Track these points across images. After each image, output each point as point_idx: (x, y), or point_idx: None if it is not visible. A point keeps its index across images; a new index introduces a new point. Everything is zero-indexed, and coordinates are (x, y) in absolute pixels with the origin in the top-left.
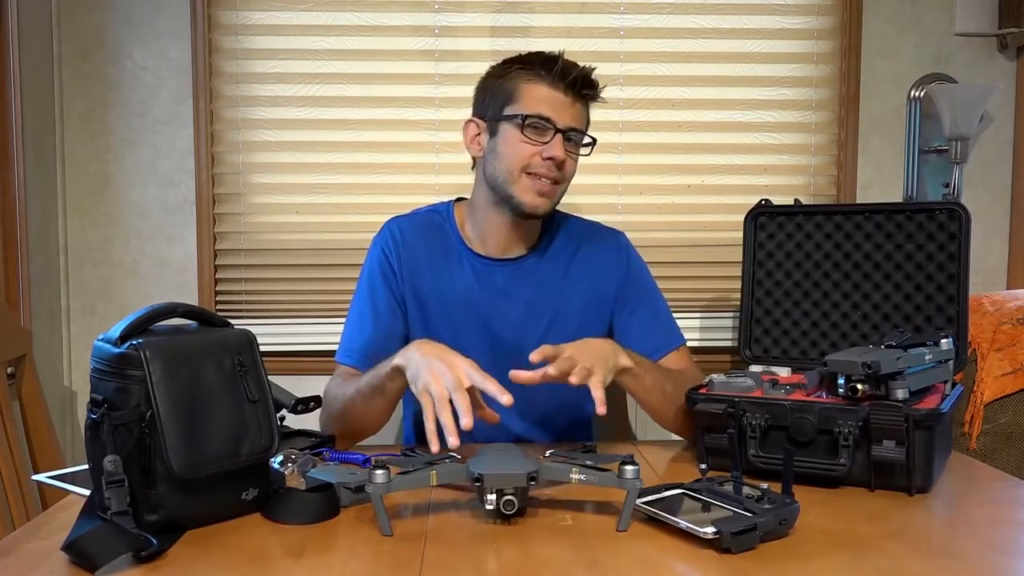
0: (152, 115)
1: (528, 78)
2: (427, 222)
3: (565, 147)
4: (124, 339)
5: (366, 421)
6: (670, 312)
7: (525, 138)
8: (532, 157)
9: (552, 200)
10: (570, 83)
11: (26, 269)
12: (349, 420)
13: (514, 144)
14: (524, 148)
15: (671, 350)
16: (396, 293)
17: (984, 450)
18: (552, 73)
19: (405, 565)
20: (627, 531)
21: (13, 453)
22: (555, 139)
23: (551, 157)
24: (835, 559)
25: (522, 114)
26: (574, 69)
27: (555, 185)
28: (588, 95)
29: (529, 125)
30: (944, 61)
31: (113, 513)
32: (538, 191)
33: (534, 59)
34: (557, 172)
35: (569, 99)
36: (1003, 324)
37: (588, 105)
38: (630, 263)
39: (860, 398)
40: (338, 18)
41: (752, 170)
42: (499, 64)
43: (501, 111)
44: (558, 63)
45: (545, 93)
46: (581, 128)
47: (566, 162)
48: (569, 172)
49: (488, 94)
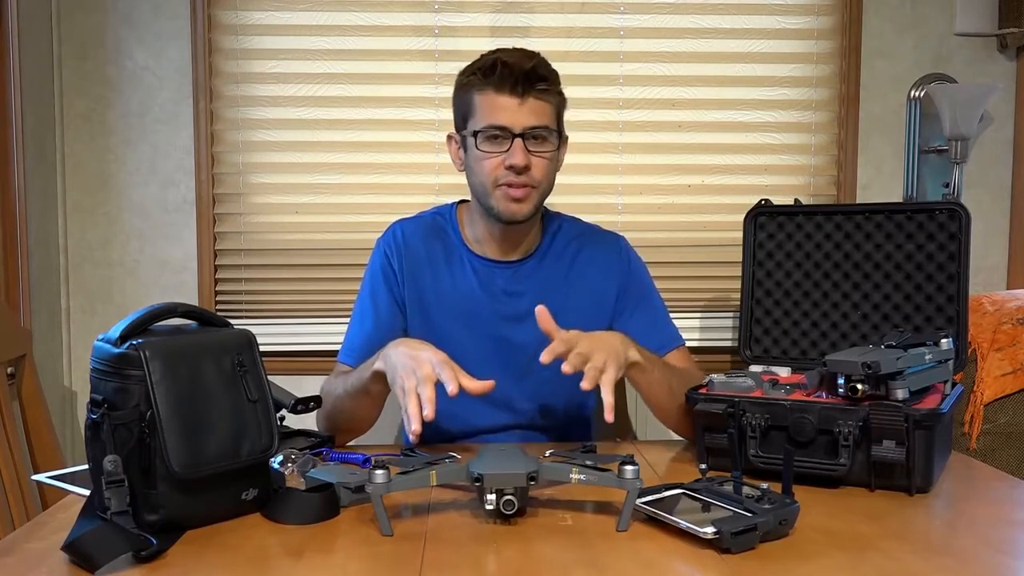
0: (152, 115)
1: (478, 88)
2: (431, 224)
3: (529, 147)
4: (124, 339)
5: (354, 420)
6: (669, 315)
7: (486, 152)
8: (497, 169)
9: (530, 203)
10: (515, 84)
11: (26, 269)
12: (338, 419)
13: (479, 160)
14: (487, 162)
15: (670, 350)
16: (397, 295)
17: (984, 450)
18: (495, 78)
19: (405, 565)
20: (627, 531)
21: (13, 453)
22: (514, 146)
23: (511, 165)
24: (835, 559)
25: (477, 129)
26: (517, 68)
27: (528, 189)
28: (541, 88)
29: (487, 138)
30: (944, 61)
31: (113, 513)
32: (512, 198)
33: (480, 67)
34: (525, 177)
35: (519, 100)
36: (1003, 324)
37: (551, 94)
38: (631, 266)
39: (860, 398)
40: (338, 18)
41: (752, 170)
42: (459, 74)
43: (465, 126)
44: (498, 67)
45: (495, 101)
46: (542, 124)
47: (533, 164)
48: (539, 173)
49: (455, 108)
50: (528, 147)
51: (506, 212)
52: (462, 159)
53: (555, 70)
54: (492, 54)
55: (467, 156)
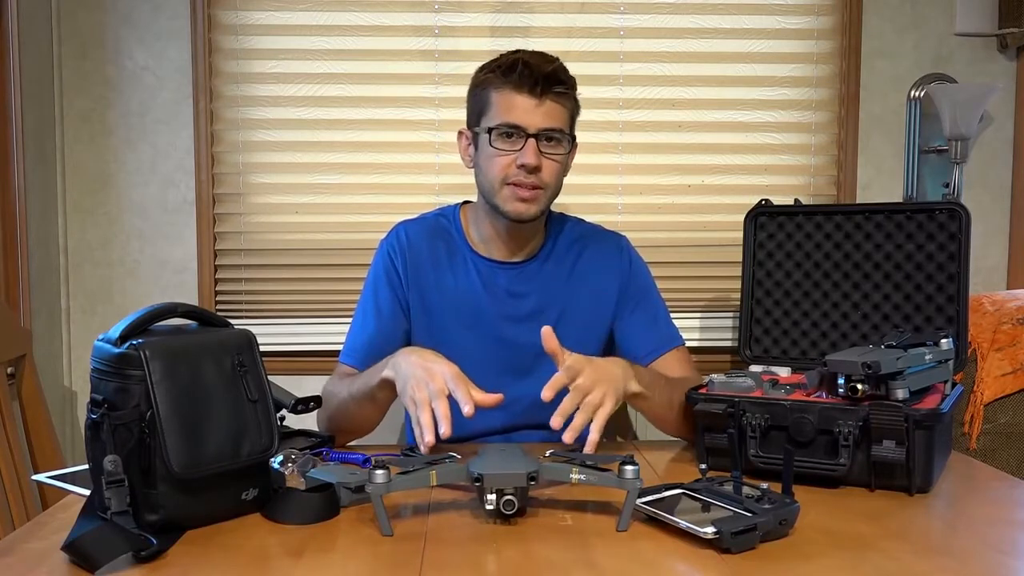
0: (152, 115)
1: (496, 86)
2: (434, 226)
3: (542, 149)
4: (124, 339)
5: (358, 424)
6: (669, 316)
7: (499, 149)
8: (508, 167)
9: (537, 204)
10: (535, 84)
11: (26, 269)
12: (341, 422)
13: (490, 156)
14: (499, 160)
15: (669, 350)
16: (400, 297)
17: (984, 450)
18: (515, 77)
19: (405, 565)
20: (627, 531)
21: (13, 453)
22: (527, 145)
23: (523, 164)
24: (835, 559)
25: (491, 125)
26: (537, 69)
27: (536, 190)
28: (559, 91)
29: (500, 135)
30: (944, 61)
31: (113, 513)
32: (519, 198)
33: (499, 65)
34: (534, 178)
35: (537, 100)
36: (1003, 324)
37: (568, 99)
38: (632, 266)
39: (860, 398)
40: (338, 18)
41: (752, 170)
42: (476, 71)
43: (478, 123)
44: (519, 67)
45: (512, 99)
46: (557, 127)
47: (544, 165)
48: (549, 175)
49: (470, 104)
50: (541, 148)
51: (513, 211)
52: (472, 156)
53: (573, 77)
54: (513, 54)
55: (478, 153)
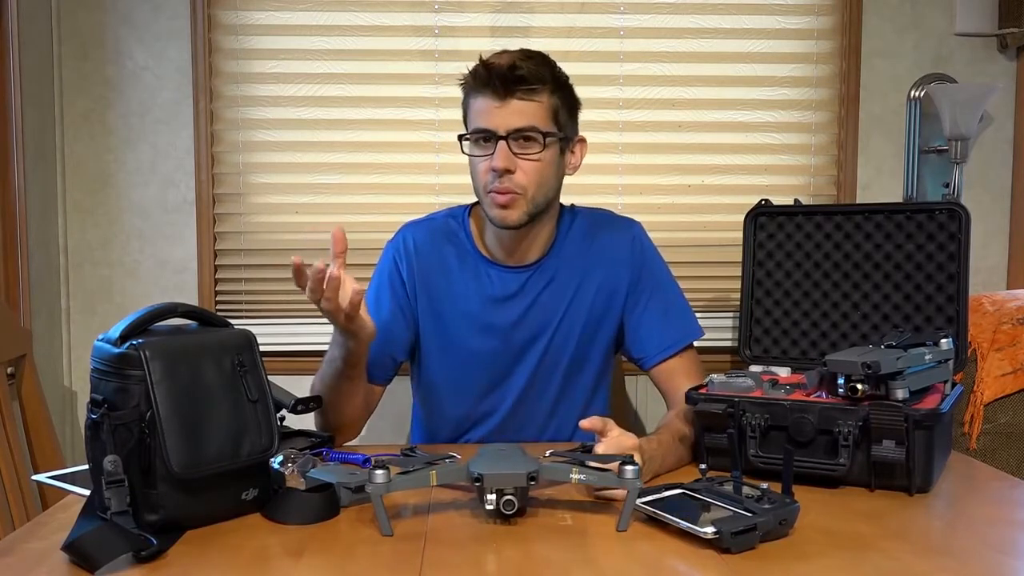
0: (152, 115)
1: (471, 92)
2: (442, 228)
3: (515, 150)
4: (124, 339)
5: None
6: (687, 304)
7: (474, 156)
8: (486, 173)
9: (517, 209)
10: (497, 85)
11: (26, 269)
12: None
13: (472, 165)
14: (478, 166)
15: (680, 349)
16: (404, 302)
17: (984, 450)
18: (480, 81)
19: (405, 565)
20: (627, 531)
21: (13, 453)
22: (497, 148)
23: (493, 168)
24: (835, 559)
25: (464, 133)
26: (497, 69)
27: (512, 195)
28: (526, 89)
29: (475, 142)
30: (944, 61)
31: (113, 513)
32: (498, 204)
33: (472, 70)
34: (509, 182)
35: (500, 101)
36: (1003, 324)
37: (541, 94)
38: (644, 255)
39: (860, 398)
40: (338, 18)
41: (752, 170)
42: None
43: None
44: (480, 70)
45: (480, 104)
46: (528, 125)
47: (519, 167)
48: (526, 177)
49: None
50: (514, 150)
51: (496, 218)
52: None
53: (549, 70)
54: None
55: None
